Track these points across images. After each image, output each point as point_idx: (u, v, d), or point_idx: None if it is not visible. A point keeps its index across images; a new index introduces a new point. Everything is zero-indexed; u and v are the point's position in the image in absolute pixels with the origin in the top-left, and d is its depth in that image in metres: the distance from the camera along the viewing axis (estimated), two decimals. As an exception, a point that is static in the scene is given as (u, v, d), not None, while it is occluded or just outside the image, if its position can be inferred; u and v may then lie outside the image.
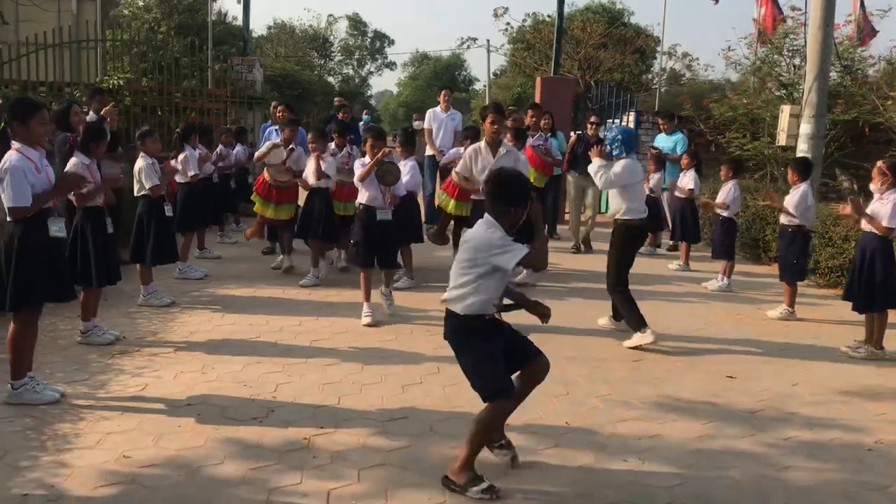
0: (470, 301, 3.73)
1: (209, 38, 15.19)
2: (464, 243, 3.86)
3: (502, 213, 3.73)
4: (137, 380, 5.19)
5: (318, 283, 8.23)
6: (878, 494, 3.95)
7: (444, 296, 3.88)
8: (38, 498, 3.57)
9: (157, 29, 28.85)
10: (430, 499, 3.69)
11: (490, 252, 3.67)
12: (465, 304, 3.74)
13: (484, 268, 3.70)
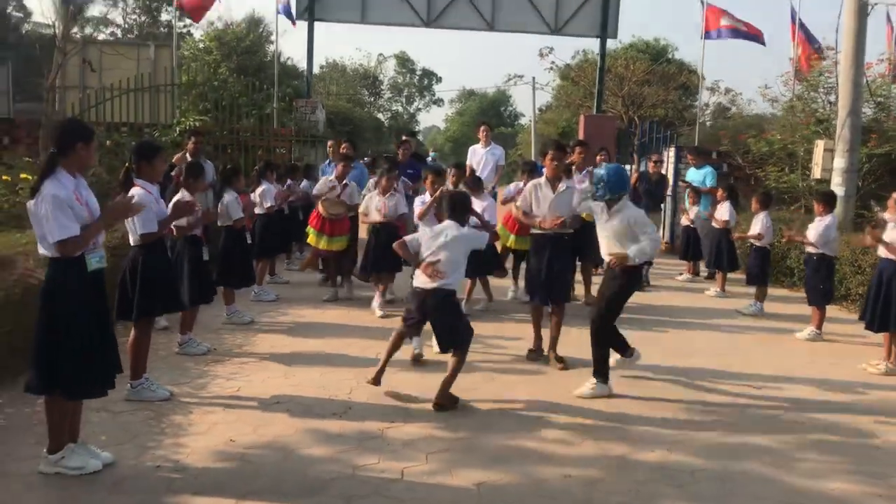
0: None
1: (275, 81, 16.25)
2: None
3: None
4: (231, 382, 6.03)
5: (382, 314, 8.56)
6: (877, 479, 4.58)
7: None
8: (166, 468, 4.39)
9: (217, 70, 30.39)
10: (486, 475, 4.42)
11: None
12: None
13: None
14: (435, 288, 5.62)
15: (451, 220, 5.87)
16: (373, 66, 61.18)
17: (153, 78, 15.89)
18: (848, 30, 12.72)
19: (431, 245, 5.73)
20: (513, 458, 4.73)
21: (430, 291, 5.63)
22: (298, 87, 25.51)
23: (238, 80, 26.96)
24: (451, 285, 5.69)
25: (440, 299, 5.64)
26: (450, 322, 5.71)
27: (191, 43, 35.21)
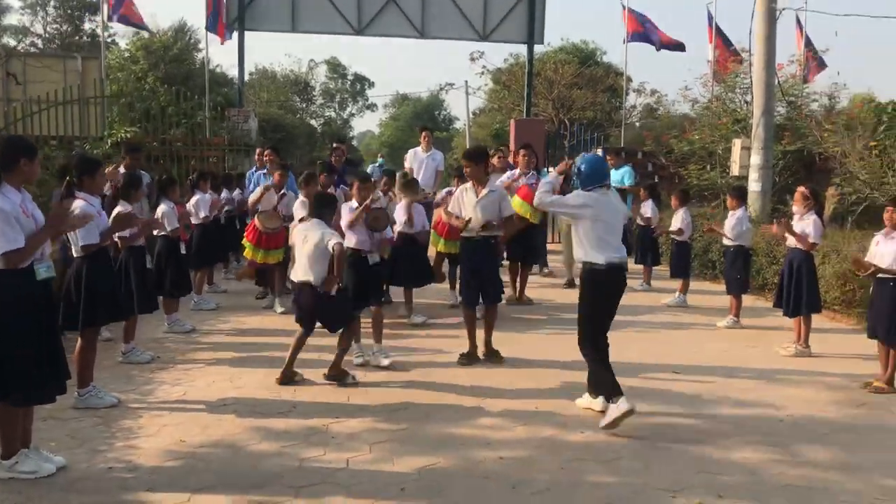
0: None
1: (206, 90, 16.28)
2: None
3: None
4: (177, 388, 6.20)
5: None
6: (781, 448, 5.03)
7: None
8: (119, 469, 4.56)
9: (144, 79, 29.94)
10: (426, 461, 4.72)
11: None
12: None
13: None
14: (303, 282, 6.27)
15: (315, 219, 6.41)
16: (304, 73, 60.93)
17: (81, 90, 15.74)
18: (759, 34, 13.44)
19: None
20: (451, 444, 5.03)
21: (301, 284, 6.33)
22: (228, 95, 25.38)
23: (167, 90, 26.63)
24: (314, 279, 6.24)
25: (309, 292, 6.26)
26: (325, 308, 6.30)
27: (116, 52, 34.61)
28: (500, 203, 7.15)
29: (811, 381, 6.70)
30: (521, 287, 9.93)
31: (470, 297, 7.12)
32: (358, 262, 7.03)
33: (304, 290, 6.33)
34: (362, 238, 7.09)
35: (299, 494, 4.27)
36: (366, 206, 7.05)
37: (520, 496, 4.30)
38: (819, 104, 16.29)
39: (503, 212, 7.13)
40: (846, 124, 14.56)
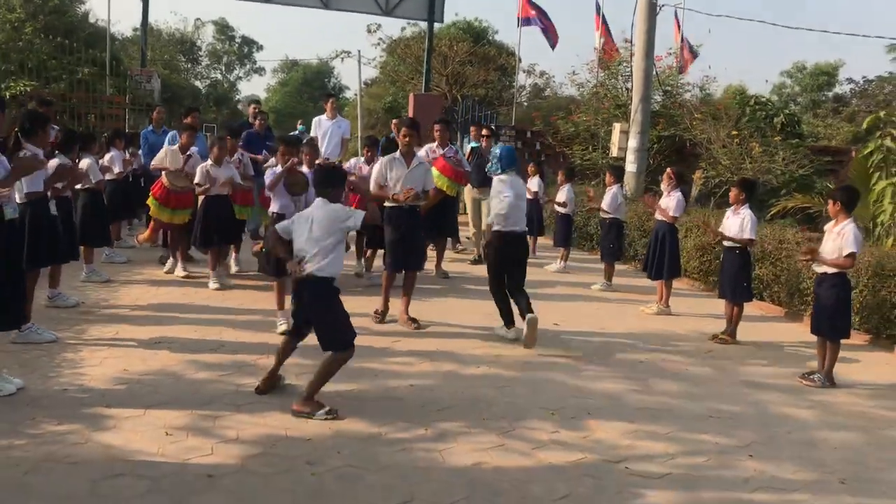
0: (334, 265, 4.99)
1: (108, 49, 16.21)
2: (309, 222, 5.01)
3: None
4: (110, 327, 6.72)
5: (225, 286, 8.64)
6: (637, 382, 6.10)
7: (309, 269, 4.90)
8: (74, 390, 5.13)
9: (21, 30, 28.78)
10: (348, 387, 5.51)
11: (342, 220, 5.06)
12: (331, 269, 4.97)
13: (339, 235, 5.02)
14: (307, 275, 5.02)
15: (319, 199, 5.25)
16: (190, 32, 59.33)
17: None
18: (640, 27, 14.68)
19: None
20: (367, 375, 5.84)
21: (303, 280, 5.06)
22: (112, 51, 24.85)
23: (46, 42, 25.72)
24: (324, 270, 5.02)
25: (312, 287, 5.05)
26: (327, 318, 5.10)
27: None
28: (426, 175, 7.60)
29: (669, 334, 7.87)
30: (437, 259, 10.13)
31: (395, 263, 7.43)
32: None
33: (308, 287, 5.04)
34: (284, 202, 7.12)
35: (240, 410, 4.98)
36: (286, 169, 7.10)
37: (427, 412, 5.16)
38: (692, 94, 17.82)
39: (427, 184, 7.60)
40: (713, 114, 16.13)
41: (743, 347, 7.52)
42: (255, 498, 3.84)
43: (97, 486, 3.84)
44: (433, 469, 4.30)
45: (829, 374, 6.44)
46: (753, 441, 5.08)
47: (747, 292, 7.71)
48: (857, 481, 4.56)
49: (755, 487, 4.37)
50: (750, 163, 13.79)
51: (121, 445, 4.33)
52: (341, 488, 4.00)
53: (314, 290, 4.99)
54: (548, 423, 5.12)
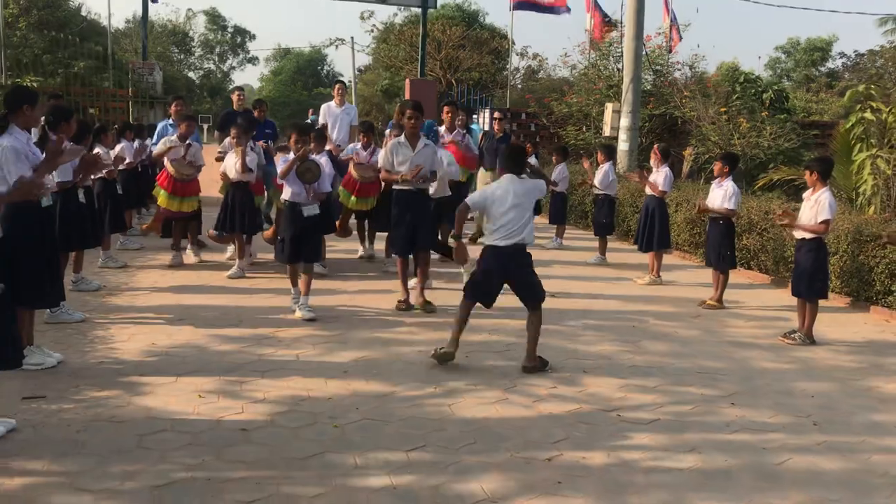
0: (533, 234, 5.79)
1: (109, 43, 16.56)
2: (508, 197, 5.65)
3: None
4: (133, 307, 7.16)
5: (242, 276, 8.62)
6: (631, 344, 6.55)
7: (518, 239, 5.64)
8: (109, 363, 5.57)
9: (15, 25, 29.09)
10: (360, 354, 5.95)
11: (540, 191, 5.94)
12: (532, 238, 5.78)
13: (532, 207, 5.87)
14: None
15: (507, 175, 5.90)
16: (182, 22, 59.49)
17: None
18: (630, 8, 15.08)
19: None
20: (377, 343, 6.29)
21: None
22: (107, 44, 25.14)
23: (41, 37, 26.07)
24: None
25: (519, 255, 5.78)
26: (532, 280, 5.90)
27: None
28: (433, 156, 7.55)
29: (659, 301, 8.32)
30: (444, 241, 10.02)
31: (403, 247, 7.46)
32: (293, 214, 7.10)
33: (516, 255, 5.77)
34: (297, 190, 7.12)
35: (264, 376, 5.42)
36: (298, 157, 7.02)
37: (436, 373, 5.62)
38: (681, 73, 18.21)
39: (436, 165, 7.60)
40: (704, 91, 16.51)
41: (729, 311, 7.97)
42: (286, 447, 4.28)
43: (143, 440, 4.28)
44: (443, 420, 4.75)
45: (808, 332, 6.89)
46: (736, 392, 5.53)
47: (731, 260, 8.15)
48: (828, 423, 5.01)
49: (735, 429, 4.82)
50: (738, 138, 14.21)
51: (159, 407, 4.77)
52: (362, 437, 4.45)
53: (521, 257, 5.78)
54: (547, 381, 5.57)
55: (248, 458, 4.13)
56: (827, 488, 4.09)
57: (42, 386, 5.05)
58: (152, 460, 4.05)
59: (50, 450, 4.13)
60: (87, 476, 3.86)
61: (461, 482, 3.95)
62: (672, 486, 4.03)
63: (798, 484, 4.12)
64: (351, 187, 9.26)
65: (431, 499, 3.78)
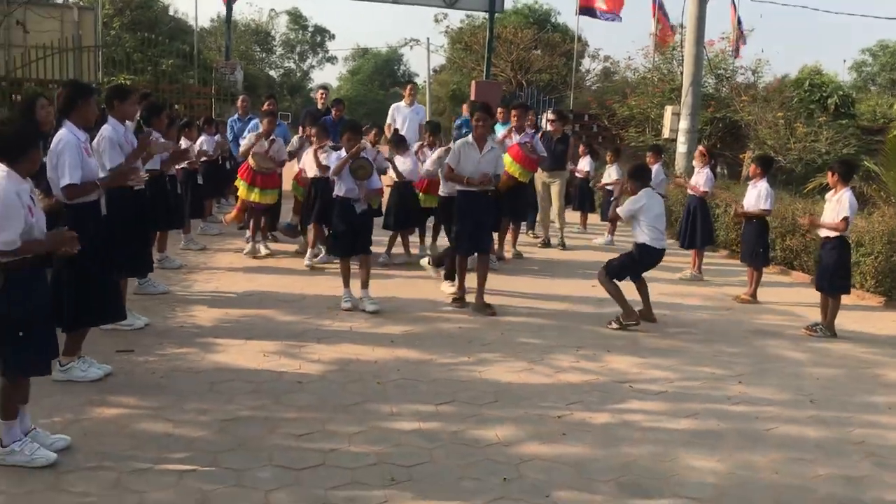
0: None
1: (195, 43, 17.69)
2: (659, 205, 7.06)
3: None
4: (209, 284, 8.02)
5: (326, 261, 9.03)
6: (659, 332, 7.08)
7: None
8: (189, 327, 6.42)
9: (110, 25, 30.81)
10: (407, 329, 6.65)
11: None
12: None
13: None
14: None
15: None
16: (264, 22, 61.33)
17: (78, 39, 17.11)
18: (691, 14, 15.39)
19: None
20: (423, 320, 6.99)
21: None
22: (193, 43, 26.38)
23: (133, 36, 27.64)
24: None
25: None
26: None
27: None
28: (497, 160, 7.68)
29: (696, 295, 8.79)
30: (512, 241, 10.40)
31: (468, 247, 7.54)
32: (346, 210, 7.32)
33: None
34: (349, 186, 7.33)
35: (321, 342, 6.18)
36: (350, 154, 7.29)
37: (471, 346, 6.28)
38: (744, 77, 18.41)
39: (498, 169, 7.68)
40: (765, 97, 16.71)
41: (761, 307, 8.38)
42: (333, 397, 5.01)
43: (214, 386, 5.07)
44: (472, 382, 5.42)
45: (830, 325, 7.29)
46: (746, 373, 6.03)
47: (764, 257, 8.57)
48: (825, 400, 5.49)
49: (735, 402, 5.35)
50: (794, 142, 14.41)
51: (229, 362, 5.57)
52: (399, 392, 5.15)
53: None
54: (570, 356, 6.17)
55: (301, 404, 4.88)
56: (804, 450, 4.60)
57: (131, 342, 5.90)
58: (221, 402, 4.83)
59: (138, 390, 4.96)
60: (168, 410, 4.66)
61: (478, 430, 4.61)
62: (664, 441, 4.60)
63: (779, 446, 4.64)
64: (418, 185, 9.51)
65: (451, 440, 4.45)
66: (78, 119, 5.14)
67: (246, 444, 4.26)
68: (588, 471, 4.18)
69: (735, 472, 4.26)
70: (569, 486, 3.99)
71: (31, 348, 3.93)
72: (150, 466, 3.95)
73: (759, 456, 4.48)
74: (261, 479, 3.87)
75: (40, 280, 4.06)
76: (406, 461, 4.15)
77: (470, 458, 4.25)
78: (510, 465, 4.18)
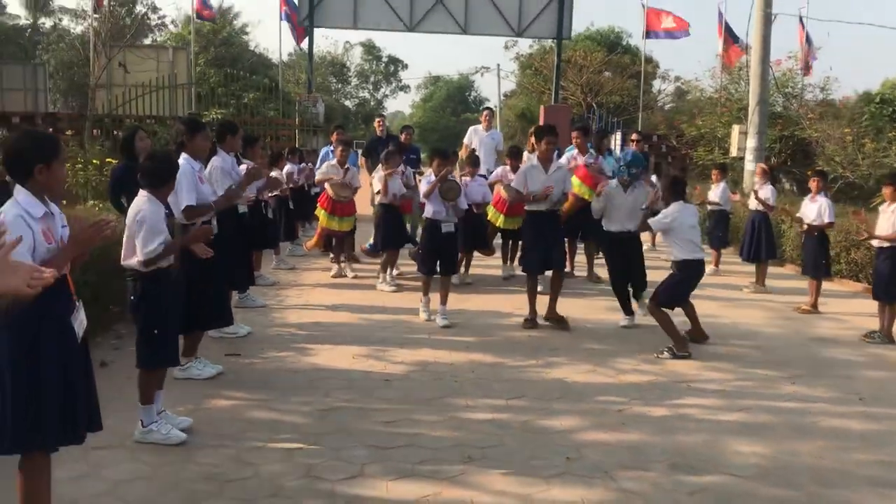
0: None
1: (279, 79, 18.76)
2: (692, 219, 7.02)
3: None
4: (300, 298, 8.80)
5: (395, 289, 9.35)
6: (721, 340, 7.50)
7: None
8: (285, 334, 7.16)
9: (196, 62, 32.56)
10: (478, 339, 7.25)
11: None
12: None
13: None
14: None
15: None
16: (339, 54, 63.19)
17: (174, 78, 18.41)
18: (756, 35, 15.72)
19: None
20: (496, 329, 7.59)
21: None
22: (273, 76, 27.74)
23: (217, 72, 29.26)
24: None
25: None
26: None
27: (168, 34, 37.35)
28: (565, 179, 7.92)
29: (758, 306, 9.13)
30: (588, 265, 10.45)
31: (536, 265, 7.81)
32: (433, 230, 7.80)
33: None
34: (437, 208, 7.76)
35: (403, 347, 6.85)
36: (440, 178, 7.71)
37: (540, 351, 6.84)
38: (812, 95, 18.52)
39: (565, 187, 7.93)
40: (835, 113, 16.82)
41: (822, 316, 8.69)
42: (416, 392, 5.64)
43: (312, 383, 5.77)
44: (539, 381, 5.99)
45: (888, 332, 7.57)
46: (800, 374, 6.42)
47: (826, 269, 8.87)
48: (873, 399, 5.85)
49: (787, 399, 5.76)
50: (862, 158, 14.51)
51: (323, 363, 6.28)
52: (474, 389, 5.75)
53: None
54: (633, 360, 6.67)
55: (388, 398, 5.53)
56: (848, 440, 5.01)
57: (237, 348, 6.67)
58: (319, 395, 5.52)
59: (247, 386, 5.70)
60: (274, 401, 5.37)
61: (545, 420, 5.18)
62: (716, 431, 5.08)
63: (824, 436, 5.06)
64: (500, 207, 9.69)
65: (520, 428, 5.02)
66: (193, 151, 5.96)
67: (343, 428, 4.93)
68: (644, 454, 4.69)
69: (779, 457, 4.70)
70: (626, 466, 4.51)
71: (163, 344, 4.70)
72: (263, 445, 4.64)
73: (803, 444, 4.91)
74: (356, 456, 4.52)
75: (170, 286, 4.82)
76: (481, 444, 4.74)
77: (537, 442, 4.82)
78: (573, 447, 4.73)
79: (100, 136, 16.03)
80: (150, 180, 4.69)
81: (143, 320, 4.67)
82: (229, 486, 4.11)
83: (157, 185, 4.64)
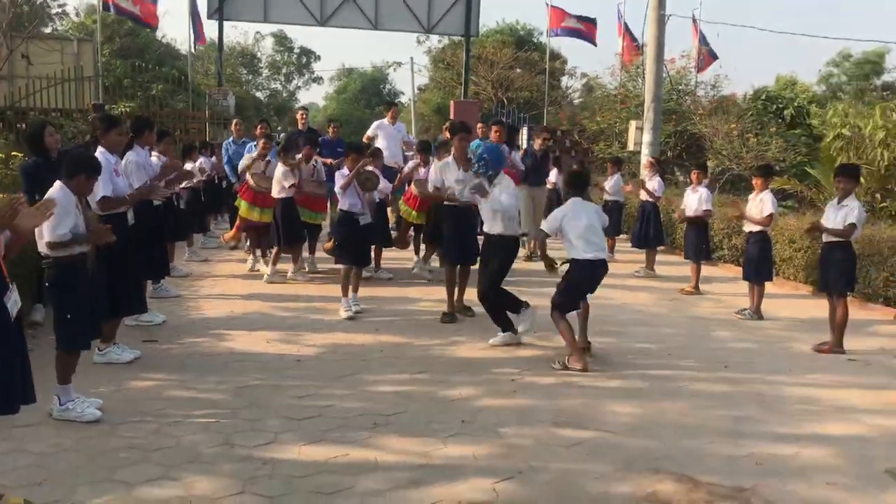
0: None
1: (189, 71, 18.72)
2: (585, 216, 6.44)
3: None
4: (215, 289, 9.07)
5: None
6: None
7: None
8: (200, 321, 7.46)
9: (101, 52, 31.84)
10: (387, 319, 7.72)
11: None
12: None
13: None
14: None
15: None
16: (250, 45, 62.31)
17: (80, 70, 18.17)
18: (651, 36, 16.62)
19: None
20: (404, 313, 8.04)
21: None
22: (182, 68, 27.27)
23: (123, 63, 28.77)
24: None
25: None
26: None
27: (69, 23, 36.28)
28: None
29: (646, 289, 9.93)
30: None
31: (455, 256, 7.95)
32: (349, 223, 7.97)
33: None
34: (353, 200, 7.93)
35: (315, 332, 7.26)
36: (356, 171, 7.87)
37: (444, 333, 7.36)
38: (704, 93, 19.66)
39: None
40: (724, 109, 17.94)
41: (702, 297, 9.53)
42: (327, 371, 6.08)
43: (228, 365, 6.14)
44: (442, 358, 6.54)
45: (756, 309, 8.40)
46: (676, 347, 7.14)
47: (706, 253, 9.72)
48: (736, 365, 6.59)
49: (661, 368, 6.44)
50: (746, 152, 15.61)
51: (238, 348, 6.64)
52: (382, 365, 6.25)
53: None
54: (527, 338, 7.24)
55: (300, 375, 5.95)
56: (710, 400, 5.73)
57: (153, 334, 6.96)
58: (234, 375, 5.90)
59: (165, 369, 6.02)
60: (192, 382, 5.73)
61: (445, 390, 5.70)
62: (595, 395, 5.72)
63: (689, 397, 5.77)
64: (412, 203, 9.90)
65: (422, 398, 5.53)
66: (108, 145, 6.22)
67: (257, 403, 5.32)
68: (531, 415, 5.26)
69: (648, 415, 5.35)
70: (513, 424, 5.07)
71: (76, 328, 5.00)
72: (182, 419, 5.00)
73: (671, 404, 5.58)
74: (271, 426, 4.93)
75: (83, 274, 5.10)
76: (386, 412, 5.22)
77: (437, 409, 5.33)
78: (469, 413, 5.26)
79: (2, 129, 15.73)
80: (68, 169, 4.97)
81: (58, 305, 4.98)
82: (152, 455, 4.47)
83: (70, 175, 4.92)
